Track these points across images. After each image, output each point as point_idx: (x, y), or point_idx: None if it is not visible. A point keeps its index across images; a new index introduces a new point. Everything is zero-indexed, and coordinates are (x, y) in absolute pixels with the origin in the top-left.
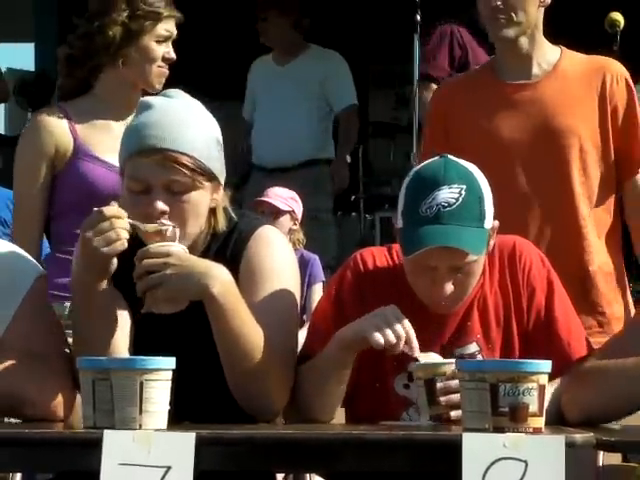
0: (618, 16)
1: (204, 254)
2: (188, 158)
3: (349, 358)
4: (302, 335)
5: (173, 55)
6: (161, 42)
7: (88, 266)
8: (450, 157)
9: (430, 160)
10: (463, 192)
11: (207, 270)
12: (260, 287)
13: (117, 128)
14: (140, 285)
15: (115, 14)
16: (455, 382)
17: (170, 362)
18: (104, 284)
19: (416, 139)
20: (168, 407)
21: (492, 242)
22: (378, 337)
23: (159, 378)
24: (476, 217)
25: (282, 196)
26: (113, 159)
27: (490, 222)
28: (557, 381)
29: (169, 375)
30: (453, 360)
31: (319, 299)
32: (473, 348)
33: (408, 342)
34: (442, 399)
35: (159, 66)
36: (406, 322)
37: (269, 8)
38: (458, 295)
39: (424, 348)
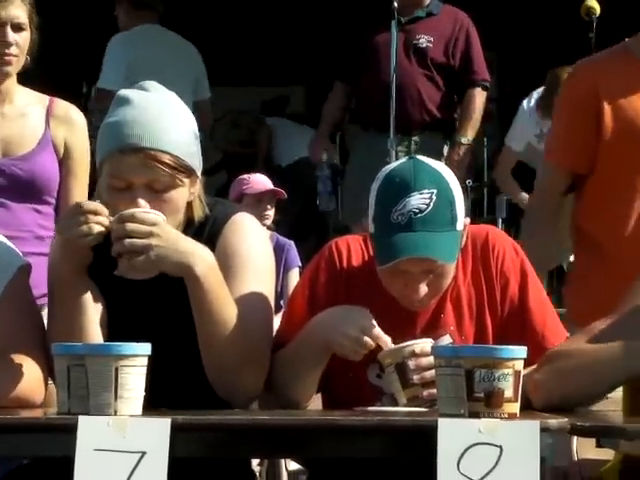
0: (594, 3)
1: None
2: (169, 157)
3: (321, 358)
4: (278, 321)
5: (11, 39)
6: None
7: (62, 256)
8: (419, 159)
9: (399, 162)
10: (434, 197)
11: (193, 249)
12: (235, 273)
13: None
14: (119, 247)
15: None
16: (427, 359)
17: (146, 348)
18: (79, 274)
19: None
20: (143, 393)
21: (464, 238)
22: (346, 351)
23: (134, 364)
24: (448, 221)
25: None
26: None
27: (461, 223)
28: (530, 369)
29: (144, 361)
30: (419, 340)
31: (294, 286)
32: (446, 340)
33: (380, 341)
34: (415, 377)
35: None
36: (375, 330)
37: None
38: (432, 294)
39: (397, 341)
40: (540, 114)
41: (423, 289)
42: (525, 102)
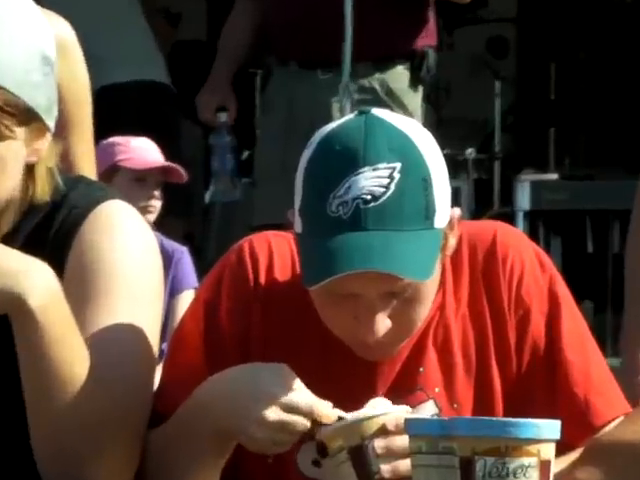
0: None
1: (10, 237)
2: None
3: (221, 448)
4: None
5: None
6: None
7: None
8: (375, 113)
9: (342, 121)
10: (397, 175)
11: (25, 269)
12: (95, 297)
13: None
14: None
15: None
16: (401, 439)
17: None
18: None
19: None
20: None
21: (453, 240)
22: (264, 447)
23: None
24: (419, 214)
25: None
26: None
27: (444, 216)
28: (568, 457)
29: None
30: (390, 407)
31: (184, 313)
32: (429, 409)
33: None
34: (385, 470)
35: None
36: (307, 402)
37: None
38: (399, 333)
39: (349, 410)
40: None
41: (382, 324)
42: None
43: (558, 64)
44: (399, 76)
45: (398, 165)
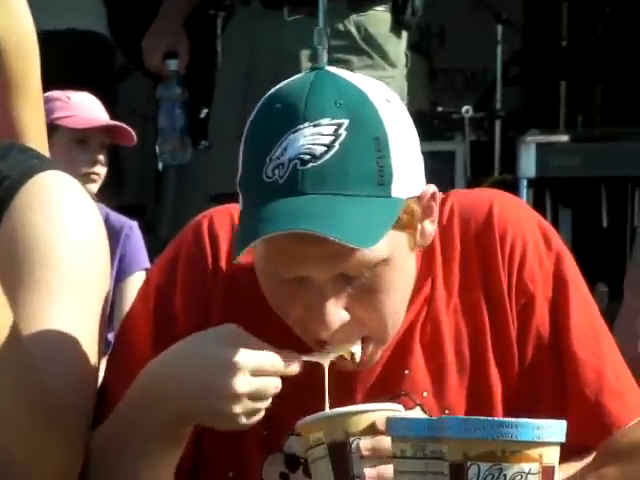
0: None
1: None
2: None
3: (174, 441)
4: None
5: None
6: None
7: None
8: (330, 69)
9: (296, 77)
10: (342, 131)
11: None
12: (29, 279)
13: None
14: None
15: None
16: (388, 440)
17: None
18: None
19: None
20: None
21: (430, 226)
22: (235, 422)
23: None
24: (368, 177)
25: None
26: None
27: (409, 187)
28: (578, 465)
29: None
30: (380, 404)
31: (132, 304)
32: (416, 415)
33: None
34: (370, 474)
35: None
36: (271, 359)
37: None
38: (361, 331)
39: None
40: None
41: (336, 315)
42: None
43: (571, 4)
44: (379, 18)
45: (345, 122)
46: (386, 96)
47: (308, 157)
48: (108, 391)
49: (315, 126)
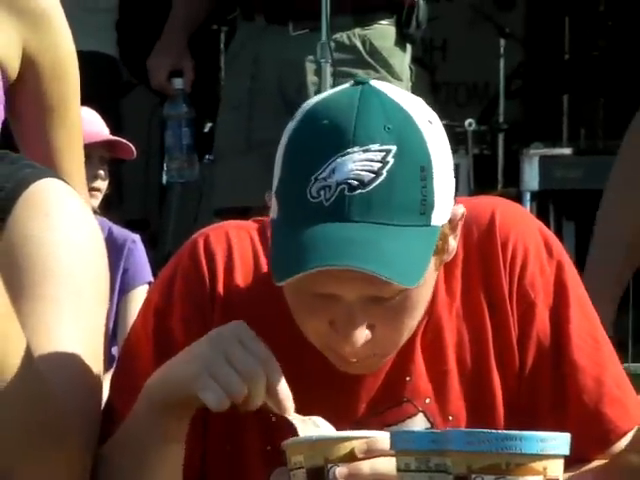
0: None
1: None
2: None
3: (172, 427)
4: (108, 385)
5: None
6: None
7: None
8: (374, 84)
9: (333, 91)
10: (390, 159)
11: None
12: (31, 297)
13: None
14: None
15: None
16: (368, 465)
17: None
18: None
19: None
20: None
21: (454, 242)
22: (211, 396)
23: None
24: (414, 207)
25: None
26: None
27: (444, 213)
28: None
29: None
30: (362, 432)
31: (133, 322)
32: (418, 424)
33: (271, 393)
34: None
35: None
36: (262, 350)
37: None
38: (381, 348)
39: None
40: None
41: (361, 334)
42: None
43: (573, 17)
44: (384, 32)
45: (393, 149)
46: (428, 117)
47: (356, 183)
48: (113, 410)
49: (364, 151)
